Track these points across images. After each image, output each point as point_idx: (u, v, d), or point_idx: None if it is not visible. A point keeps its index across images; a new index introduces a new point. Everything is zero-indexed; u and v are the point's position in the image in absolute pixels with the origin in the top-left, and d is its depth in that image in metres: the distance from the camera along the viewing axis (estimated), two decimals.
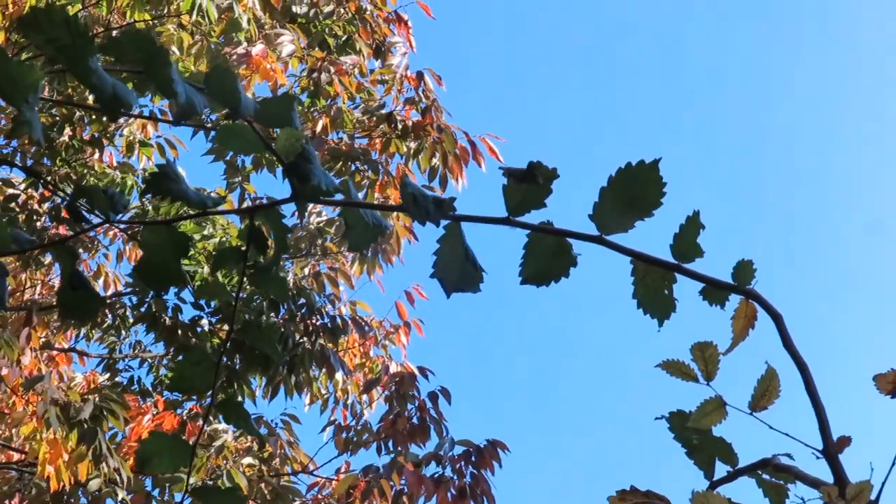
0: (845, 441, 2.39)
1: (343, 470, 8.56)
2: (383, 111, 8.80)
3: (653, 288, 2.39)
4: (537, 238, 2.26)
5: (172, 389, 7.34)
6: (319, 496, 8.46)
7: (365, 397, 8.65)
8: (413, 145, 8.47)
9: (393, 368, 8.91)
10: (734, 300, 2.47)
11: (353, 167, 8.29)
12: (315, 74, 8.42)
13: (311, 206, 8.48)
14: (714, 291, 2.44)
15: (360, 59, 8.71)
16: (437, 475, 8.16)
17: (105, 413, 7.21)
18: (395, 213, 7.97)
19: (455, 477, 8.16)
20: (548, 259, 2.29)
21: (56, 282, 9.10)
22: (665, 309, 2.37)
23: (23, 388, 7.27)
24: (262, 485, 8.25)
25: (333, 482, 8.51)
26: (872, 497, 2.34)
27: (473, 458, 8.15)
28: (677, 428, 2.47)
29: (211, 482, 7.27)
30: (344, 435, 8.49)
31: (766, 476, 2.48)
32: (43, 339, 8.09)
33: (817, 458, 2.39)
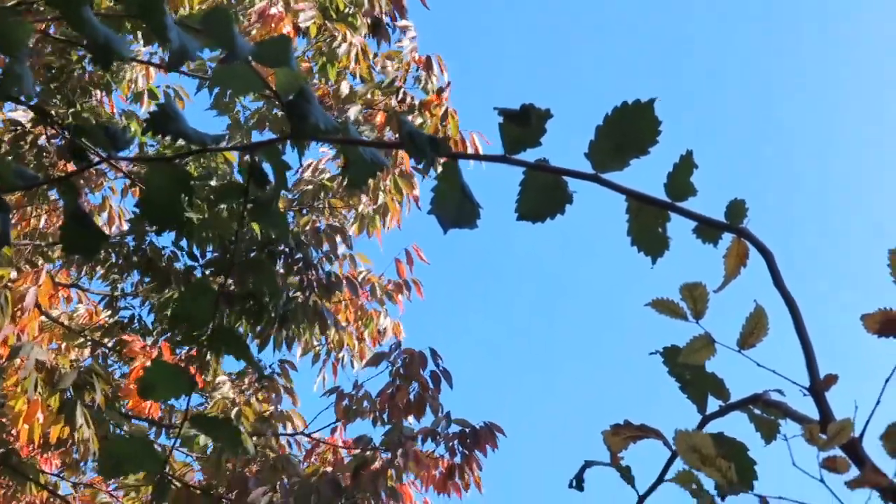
0: (832, 379, 2.46)
1: (337, 432, 8.85)
2: (393, 86, 8.93)
3: (647, 226, 2.46)
4: (533, 175, 2.33)
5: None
6: (318, 459, 8.65)
7: (357, 353, 8.79)
8: (418, 121, 8.64)
9: (387, 325, 9.01)
10: (727, 238, 2.55)
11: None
12: (335, 44, 8.61)
13: (314, 161, 8.65)
14: (707, 230, 2.52)
15: (363, 39, 8.91)
16: (430, 452, 8.48)
17: (88, 384, 7.32)
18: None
19: (447, 455, 8.35)
20: (543, 196, 2.36)
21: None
22: (658, 246, 2.44)
23: (8, 357, 7.33)
24: (266, 448, 8.44)
25: (328, 443, 8.82)
26: (856, 434, 2.42)
27: (468, 440, 8.43)
28: (671, 363, 2.55)
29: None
30: (345, 402, 8.57)
31: (757, 411, 2.55)
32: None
33: (804, 395, 2.46)
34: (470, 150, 8.45)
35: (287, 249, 7.74)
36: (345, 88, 8.66)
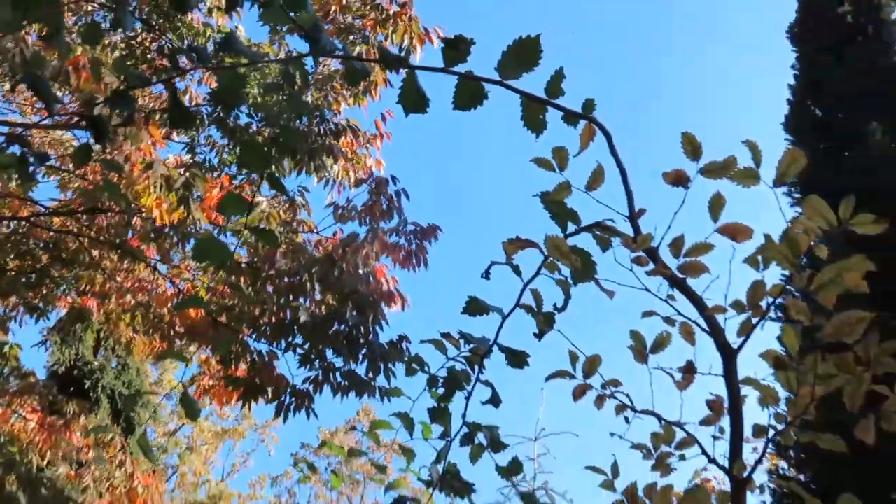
0: (641, 212, 2.83)
1: (337, 235, 9.64)
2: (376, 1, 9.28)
3: (532, 114, 2.87)
4: (463, 81, 2.74)
5: (241, 166, 8.04)
6: (321, 248, 9.42)
7: (353, 179, 9.47)
8: (391, 27, 9.12)
9: (370, 162, 9.72)
10: (583, 123, 2.97)
11: (351, 38, 8.98)
12: None
13: (323, 59, 9.08)
14: (570, 117, 2.81)
15: None
16: (395, 242, 9.31)
17: (193, 182, 7.88)
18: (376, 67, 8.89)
19: (406, 244, 9.27)
20: (469, 93, 2.81)
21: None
22: (540, 127, 2.85)
23: (142, 168, 7.85)
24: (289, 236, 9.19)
25: (330, 240, 9.55)
26: (654, 244, 2.91)
27: (419, 234, 9.30)
28: (545, 201, 2.97)
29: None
30: (340, 212, 9.44)
31: (597, 232, 3.02)
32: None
33: (625, 221, 2.89)
34: (434, 37, 9.13)
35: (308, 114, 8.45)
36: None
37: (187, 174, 7.67)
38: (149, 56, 7.60)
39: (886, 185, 8.85)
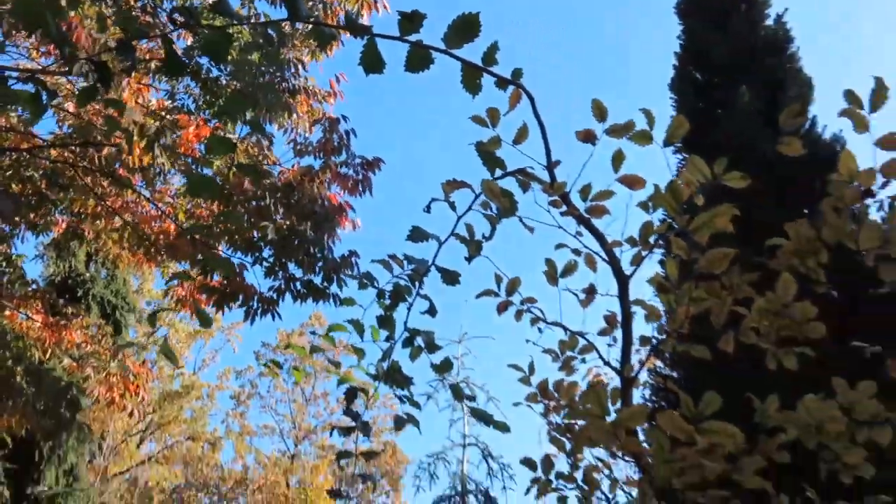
0: (557, 162, 2.94)
1: (294, 167, 9.50)
2: None
3: (471, 78, 2.93)
4: (414, 49, 2.79)
5: (223, 111, 7.83)
6: (282, 178, 9.31)
7: (309, 123, 9.35)
8: None
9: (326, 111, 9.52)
10: (512, 88, 3.02)
11: (311, 3, 8.66)
12: None
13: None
14: (502, 83, 2.88)
15: None
16: (345, 173, 9.28)
17: (164, 130, 7.68)
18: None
19: (354, 174, 9.20)
20: (419, 59, 2.83)
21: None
22: (476, 89, 2.88)
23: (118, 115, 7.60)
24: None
25: (290, 171, 9.43)
26: (567, 189, 2.99)
27: (365, 166, 9.29)
28: (479, 150, 3.05)
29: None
30: (298, 147, 9.34)
31: (520, 177, 3.09)
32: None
33: (543, 169, 3.00)
34: (380, 6, 8.91)
35: (273, 70, 8.27)
36: None
37: (158, 123, 7.45)
38: (133, 13, 7.34)
39: (750, 142, 9.04)
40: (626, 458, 2.49)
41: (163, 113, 7.56)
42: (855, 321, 6.22)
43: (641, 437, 2.30)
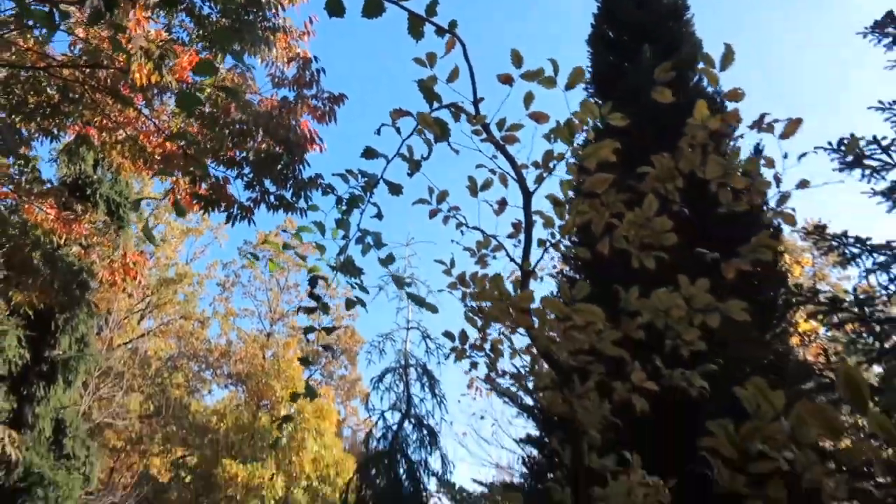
0: (481, 99, 3.01)
1: (272, 97, 9.13)
2: None
3: (416, 26, 2.93)
4: None
5: (211, 43, 7.47)
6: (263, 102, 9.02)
7: (286, 59, 9.02)
8: None
9: (299, 51, 9.05)
10: (448, 35, 3.04)
11: None
12: None
13: None
14: (440, 31, 2.93)
15: None
16: (315, 105, 9.05)
17: (167, 54, 7.38)
18: None
19: (322, 105, 8.95)
20: (374, 6, 2.82)
21: None
22: (419, 36, 2.90)
23: (127, 42, 7.26)
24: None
25: (269, 100, 9.12)
26: (488, 121, 3.04)
27: (332, 98, 9.07)
28: (420, 87, 3.07)
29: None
30: (276, 80, 9.04)
31: (452, 110, 3.14)
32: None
33: (471, 104, 3.05)
34: None
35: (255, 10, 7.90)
36: None
37: (161, 49, 7.16)
38: None
39: (647, 92, 9.11)
40: (521, 333, 2.63)
41: (160, 42, 7.22)
42: (701, 234, 6.47)
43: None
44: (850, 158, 9.03)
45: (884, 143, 8.88)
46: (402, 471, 11.86)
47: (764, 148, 7.96)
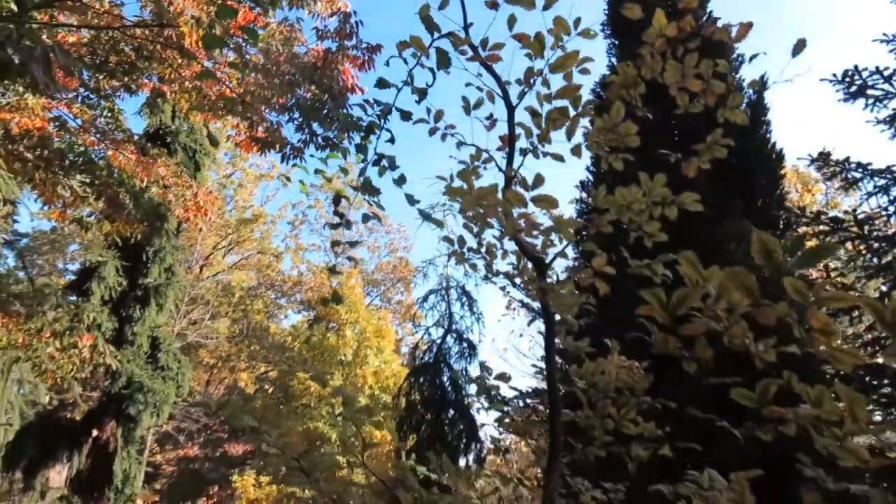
0: (471, 24, 3.00)
1: (319, 47, 8.96)
2: None
3: None
4: None
5: (257, 2, 7.29)
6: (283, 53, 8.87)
7: (329, 12, 8.84)
8: None
9: (340, 5, 8.78)
10: None
11: None
12: None
13: None
14: None
15: None
16: (354, 55, 8.90)
17: (216, 21, 7.32)
18: None
19: (361, 55, 8.77)
20: None
21: None
22: None
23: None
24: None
25: (314, 50, 8.99)
26: (476, 44, 2.99)
27: (371, 48, 8.86)
28: (422, 17, 3.04)
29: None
30: (320, 33, 8.86)
31: (450, 39, 3.11)
32: None
33: (463, 31, 3.01)
34: None
35: None
36: None
37: (210, 17, 7.12)
38: None
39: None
40: (510, 238, 2.65)
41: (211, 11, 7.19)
42: (663, 137, 6.28)
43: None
44: (853, 89, 8.57)
45: (886, 73, 8.39)
46: (445, 378, 12.18)
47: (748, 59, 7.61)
